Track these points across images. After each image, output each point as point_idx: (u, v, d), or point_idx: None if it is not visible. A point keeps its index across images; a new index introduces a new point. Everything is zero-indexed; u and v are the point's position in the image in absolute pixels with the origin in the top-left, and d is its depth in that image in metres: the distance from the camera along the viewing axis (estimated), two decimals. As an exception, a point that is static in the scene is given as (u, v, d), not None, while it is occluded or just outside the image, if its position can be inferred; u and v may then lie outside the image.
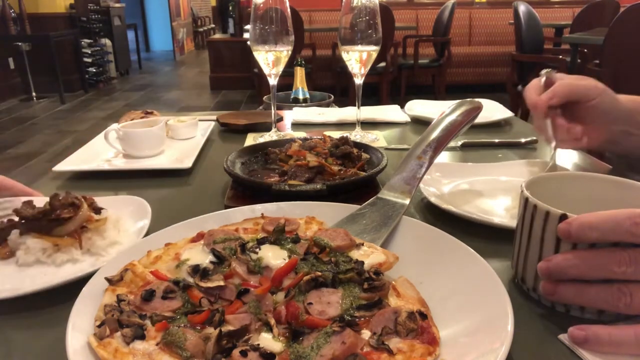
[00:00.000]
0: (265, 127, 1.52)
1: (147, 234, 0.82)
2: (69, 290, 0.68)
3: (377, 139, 1.43)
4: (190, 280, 0.62)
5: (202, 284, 0.60)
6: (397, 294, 0.61)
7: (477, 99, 0.98)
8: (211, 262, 0.65)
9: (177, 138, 1.42)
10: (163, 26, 14.60)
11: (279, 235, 0.70)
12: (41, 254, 0.76)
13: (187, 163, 1.19)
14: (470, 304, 0.58)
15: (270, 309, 0.57)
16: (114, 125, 1.34)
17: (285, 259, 0.65)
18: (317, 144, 1.16)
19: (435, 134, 0.88)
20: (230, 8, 8.53)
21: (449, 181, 1.04)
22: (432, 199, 0.91)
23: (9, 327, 0.64)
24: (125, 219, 0.87)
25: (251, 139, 1.45)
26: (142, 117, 1.44)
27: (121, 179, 1.16)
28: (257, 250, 0.67)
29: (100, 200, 0.89)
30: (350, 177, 1.01)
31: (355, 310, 0.57)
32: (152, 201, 0.91)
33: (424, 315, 0.55)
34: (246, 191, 1.01)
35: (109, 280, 0.63)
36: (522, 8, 4.76)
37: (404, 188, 0.83)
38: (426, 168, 0.85)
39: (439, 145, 0.87)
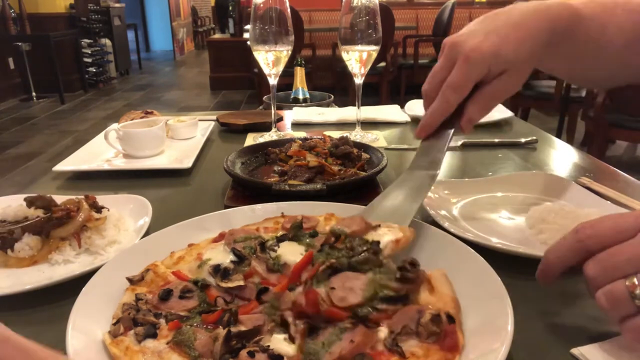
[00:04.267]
0: (265, 127, 1.52)
1: (147, 233, 0.83)
2: (66, 289, 0.69)
3: (377, 139, 1.43)
4: (212, 280, 0.63)
5: (223, 284, 0.61)
6: (430, 288, 0.59)
7: None
8: (232, 261, 0.65)
9: (177, 138, 1.42)
10: (163, 26, 14.60)
11: (296, 231, 0.70)
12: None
13: (187, 163, 1.19)
14: (470, 304, 0.58)
15: (289, 306, 0.56)
16: (114, 125, 1.34)
17: (302, 254, 0.65)
18: (317, 144, 1.16)
19: None
20: (230, 8, 8.52)
21: (457, 199, 0.95)
22: (447, 225, 0.80)
23: (10, 324, 0.64)
24: (126, 218, 0.88)
25: (251, 139, 1.45)
26: (142, 117, 1.44)
27: (121, 179, 1.16)
28: (276, 248, 0.67)
29: (101, 199, 0.89)
30: (350, 177, 1.01)
31: (378, 301, 0.56)
32: (152, 201, 0.91)
33: (451, 319, 0.53)
34: (246, 191, 1.01)
35: (129, 279, 0.63)
36: (522, 8, 4.75)
37: (429, 165, 0.77)
38: (449, 141, 0.77)
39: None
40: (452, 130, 0.77)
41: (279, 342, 0.52)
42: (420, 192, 0.74)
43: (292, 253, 0.65)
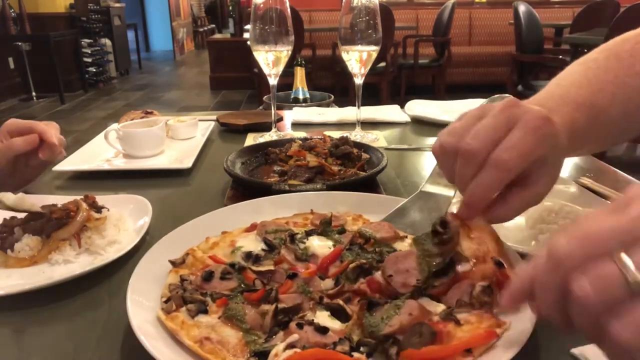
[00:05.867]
0: (265, 127, 1.52)
1: (147, 233, 0.83)
2: (66, 289, 0.69)
3: (377, 139, 1.43)
4: (245, 264, 0.68)
5: (255, 268, 0.67)
6: (468, 233, 0.59)
7: (505, 95, 0.96)
8: (262, 249, 0.70)
9: (177, 138, 1.42)
10: (163, 26, 14.58)
11: (325, 227, 0.75)
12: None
13: (187, 163, 1.19)
14: None
15: (320, 289, 0.61)
16: (114, 125, 1.34)
17: (330, 248, 0.69)
18: (317, 144, 1.16)
19: None
20: (231, 8, 8.51)
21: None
22: None
23: (10, 324, 0.64)
24: (126, 218, 0.88)
25: (251, 139, 1.45)
26: (142, 117, 1.44)
27: (121, 179, 1.16)
28: (305, 240, 0.72)
29: (101, 199, 0.89)
30: (350, 177, 1.01)
31: (433, 278, 0.59)
32: (152, 201, 0.91)
33: (500, 264, 0.56)
34: (246, 191, 1.01)
35: (172, 262, 0.68)
36: (522, 8, 4.76)
37: (446, 182, 0.76)
38: None
39: None
40: None
41: (323, 317, 0.57)
42: (438, 214, 0.75)
43: (320, 245, 0.70)
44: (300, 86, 2.08)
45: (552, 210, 0.83)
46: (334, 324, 0.56)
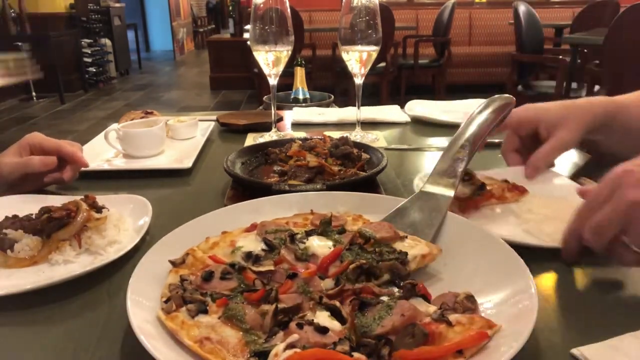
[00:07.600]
0: (265, 127, 1.52)
1: (147, 233, 0.83)
2: (66, 289, 0.69)
3: (377, 139, 1.43)
4: (245, 264, 0.68)
5: (255, 268, 0.67)
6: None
7: (505, 95, 0.97)
8: (262, 250, 0.71)
9: (177, 138, 1.42)
10: (163, 26, 14.58)
11: (325, 227, 0.75)
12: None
13: (187, 163, 1.19)
14: (493, 281, 0.62)
15: (320, 289, 0.61)
16: (114, 125, 1.34)
17: (330, 248, 0.69)
18: (317, 144, 1.16)
19: (470, 130, 0.89)
20: (231, 8, 8.52)
21: None
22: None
23: (10, 324, 0.64)
24: (126, 218, 0.88)
25: (251, 139, 1.45)
26: (142, 117, 1.44)
27: (121, 179, 1.16)
28: (305, 240, 0.71)
29: (101, 199, 0.89)
30: (350, 177, 1.01)
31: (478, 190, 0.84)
32: (152, 201, 0.91)
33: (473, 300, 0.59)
34: (246, 191, 1.01)
35: (172, 262, 0.68)
36: (522, 8, 4.76)
37: (446, 182, 0.83)
38: (466, 163, 0.85)
39: (475, 141, 0.87)
40: (466, 158, 0.86)
41: (323, 317, 0.56)
42: (438, 214, 0.78)
43: (320, 245, 0.70)
44: (300, 86, 2.08)
45: (539, 201, 0.90)
46: (334, 324, 0.55)
